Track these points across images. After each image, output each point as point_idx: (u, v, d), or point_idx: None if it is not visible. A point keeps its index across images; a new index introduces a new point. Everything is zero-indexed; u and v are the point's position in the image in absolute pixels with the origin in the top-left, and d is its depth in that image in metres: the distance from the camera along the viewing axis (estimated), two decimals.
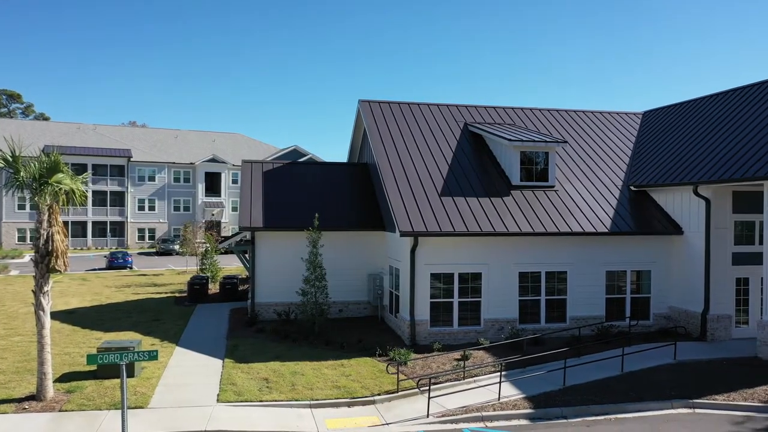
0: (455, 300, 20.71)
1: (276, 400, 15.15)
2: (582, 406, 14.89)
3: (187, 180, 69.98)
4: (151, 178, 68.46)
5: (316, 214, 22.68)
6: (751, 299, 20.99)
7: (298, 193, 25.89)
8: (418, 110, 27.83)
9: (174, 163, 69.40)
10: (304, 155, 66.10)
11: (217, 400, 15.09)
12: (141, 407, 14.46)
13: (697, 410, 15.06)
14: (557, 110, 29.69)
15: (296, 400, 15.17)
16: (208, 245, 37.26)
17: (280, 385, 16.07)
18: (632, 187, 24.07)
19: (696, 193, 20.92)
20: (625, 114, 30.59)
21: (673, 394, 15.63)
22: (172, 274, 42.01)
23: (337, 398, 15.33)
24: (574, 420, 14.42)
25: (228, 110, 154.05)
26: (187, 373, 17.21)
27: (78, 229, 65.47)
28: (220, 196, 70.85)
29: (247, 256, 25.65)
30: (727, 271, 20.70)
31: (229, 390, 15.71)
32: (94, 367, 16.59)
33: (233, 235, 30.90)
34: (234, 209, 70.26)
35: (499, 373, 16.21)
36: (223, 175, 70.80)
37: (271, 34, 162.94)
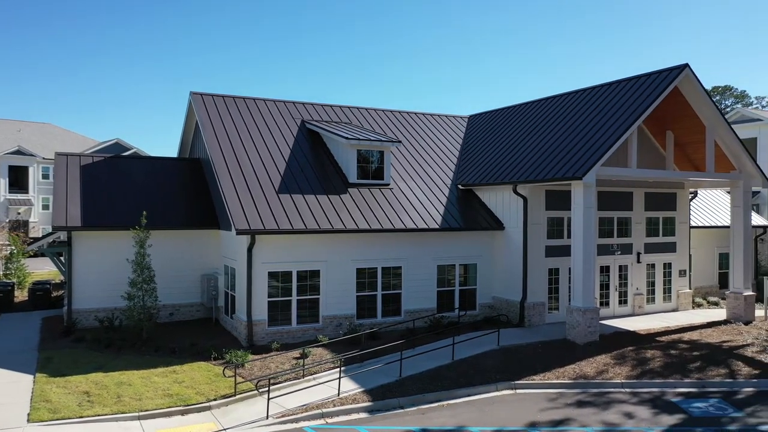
0: (294, 298, 20.52)
1: (99, 415, 13.86)
2: (417, 395, 15.51)
3: None
4: None
5: (144, 212, 21.18)
6: (560, 288, 23.35)
7: (122, 189, 24.00)
8: (254, 105, 27.15)
9: None
10: (128, 149, 61.49)
11: (28, 420, 13.46)
12: None
13: (518, 391, 16.40)
14: (391, 111, 30.68)
15: (123, 413, 14.01)
16: (13, 247, 33.18)
17: (104, 398, 14.75)
18: (460, 186, 25.60)
19: (515, 192, 22.79)
20: (453, 117, 32.47)
21: (498, 377, 16.87)
22: None
23: (170, 407, 14.42)
24: (411, 409, 14.97)
25: (37, 98, 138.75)
26: None
27: None
28: (27, 192, 63.47)
29: (62, 258, 23.23)
30: (541, 263, 22.83)
31: (42, 408, 14.06)
32: None
33: (45, 236, 27.89)
34: (46, 207, 63.44)
35: (338, 369, 16.34)
36: (31, 170, 63.53)
37: (84, 20, 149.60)
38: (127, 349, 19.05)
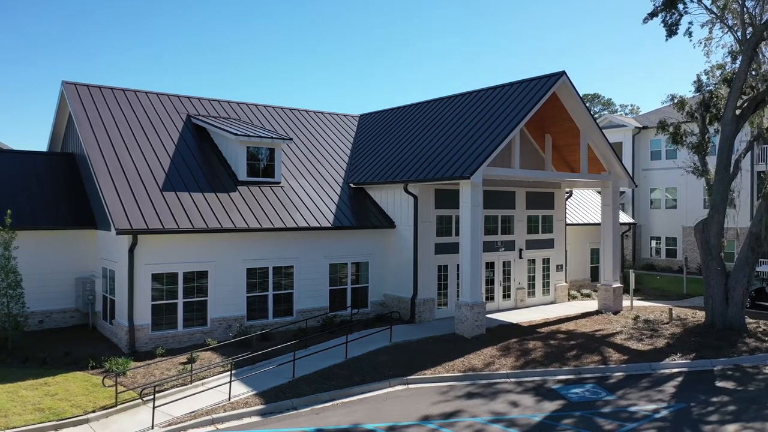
0: (180, 301, 19.61)
1: None
2: (311, 396, 15.34)
3: None
4: None
5: (9, 211, 19.39)
6: (449, 284, 24.06)
7: None
8: (134, 98, 25.63)
9: None
10: None
11: None
12: None
13: (411, 386, 16.68)
14: (282, 108, 30.18)
15: None
16: None
17: None
18: (352, 185, 25.67)
19: (406, 191, 23.19)
20: (344, 116, 32.50)
21: (391, 373, 17.07)
22: None
23: (41, 422, 13.27)
24: (305, 410, 14.77)
25: None
26: None
27: None
28: None
29: None
30: (431, 260, 23.40)
31: None
32: None
33: None
34: None
35: (229, 373, 15.81)
36: None
37: None
38: None
